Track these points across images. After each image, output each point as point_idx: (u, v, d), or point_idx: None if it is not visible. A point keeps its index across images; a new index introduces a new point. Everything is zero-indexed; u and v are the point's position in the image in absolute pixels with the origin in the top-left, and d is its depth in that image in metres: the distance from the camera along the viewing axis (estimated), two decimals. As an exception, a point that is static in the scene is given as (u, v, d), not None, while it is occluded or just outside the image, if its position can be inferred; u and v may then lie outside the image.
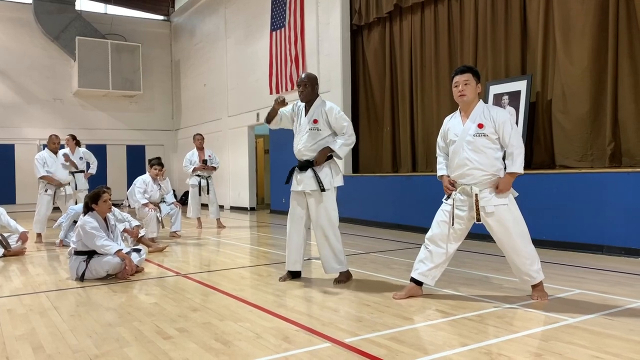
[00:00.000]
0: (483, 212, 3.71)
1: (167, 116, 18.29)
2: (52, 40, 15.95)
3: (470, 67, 3.90)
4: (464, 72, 3.82)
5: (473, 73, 3.82)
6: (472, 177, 3.75)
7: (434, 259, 3.88)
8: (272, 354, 2.82)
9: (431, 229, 3.94)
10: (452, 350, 2.80)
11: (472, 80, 3.79)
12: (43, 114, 15.99)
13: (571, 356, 2.67)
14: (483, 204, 3.70)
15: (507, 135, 3.70)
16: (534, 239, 3.88)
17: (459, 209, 3.81)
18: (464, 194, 3.80)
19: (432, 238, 3.91)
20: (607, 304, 3.69)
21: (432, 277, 3.92)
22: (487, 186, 3.74)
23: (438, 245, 3.88)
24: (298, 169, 4.66)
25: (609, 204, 5.77)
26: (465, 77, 3.80)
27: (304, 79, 4.63)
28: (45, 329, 3.41)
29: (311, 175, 4.55)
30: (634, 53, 6.21)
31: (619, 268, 5.02)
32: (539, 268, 3.79)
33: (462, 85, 3.79)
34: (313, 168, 4.54)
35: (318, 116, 4.57)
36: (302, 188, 4.60)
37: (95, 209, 5.09)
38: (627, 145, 6.29)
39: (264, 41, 12.92)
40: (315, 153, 4.55)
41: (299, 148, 4.64)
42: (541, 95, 7.26)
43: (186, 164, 9.82)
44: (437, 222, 3.93)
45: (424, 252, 3.96)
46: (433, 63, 8.95)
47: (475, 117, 3.77)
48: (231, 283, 4.78)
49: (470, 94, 3.79)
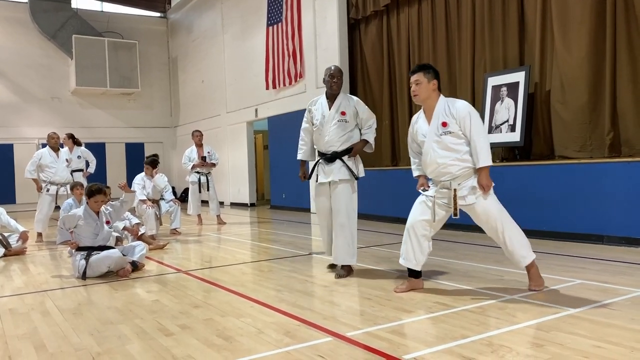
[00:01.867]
0: (463, 202, 3.73)
1: (165, 113, 18.27)
2: (49, 39, 15.91)
3: (421, 65, 3.93)
4: (414, 73, 3.88)
5: (424, 71, 3.84)
6: (450, 174, 3.77)
7: (414, 244, 3.88)
8: (274, 349, 2.82)
9: (412, 216, 3.93)
10: (453, 342, 2.80)
11: (422, 78, 3.81)
12: (41, 113, 15.97)
13: (572, 346, 2.67)
14: (461, 194, 3.73)
15: (467, 129, 3.72)
16: (533, 229, 3.89)
17: (439, 201, 3.83)
18: (444, 188, 3.84)
19: (413, 224, 3.89)
20: (608, 293, 3.69)
21: (416, 261, 3.91)
22: (466, 178, 3.75)
23: (419, 230, 3.86)
24: (325, 161, 4.72)
25: (609, 194, 5.76)
26: (415, 77, 3.85)
27: (335, 71, 4.74)
28: (47, 328, 3.41)
29: (340, 165, 4.66)
30: (632, 42, 6.19)
31: (619, 258, 5.02)
32: (529, 248, 3.80)
33: (414, 86, 3.85)
34: (341, 158, 4.65)
35: (345, 108, 4.68)
36: (333, 178, 4.66)
37: (87, 202, 5.24)
38: (626, 134, 6.28)
39: (262, 36, 12.89)
40: (344, 144, 4.66)
41: (326, 140, 4.70)
42: (540, 86, 7.24)
43: (185, 161, 9.80)
44: (416, 209, 3.92)
45: (406, 237, 3.94)
46: (431, 55, 8.93)
47: (439, 115, 3.79)
48: (232, 279, 4.78)
49: (422, 94, 3.84)
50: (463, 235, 6.26)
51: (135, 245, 5.45)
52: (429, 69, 3.88)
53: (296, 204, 11.89)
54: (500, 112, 7.40)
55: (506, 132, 7.25)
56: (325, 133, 4.70)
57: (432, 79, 3.84)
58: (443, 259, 5.22)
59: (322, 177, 4.76)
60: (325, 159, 4.73)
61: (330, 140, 4.68)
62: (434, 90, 3.86)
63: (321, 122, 4.74)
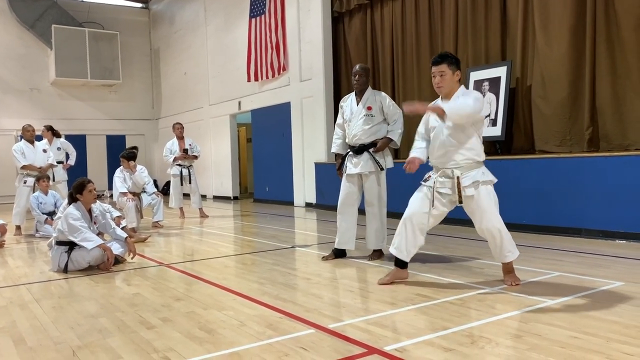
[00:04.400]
0: (463, 193, 3.74)
1: (147, 105, 18.06)
2: (28, 29, 15.58)
3: (445, 55, 3.83)
4: (438, 64, 3.78)
5: (449, 62, 3.76)
6: (454, 162, 3.78)
7: (409, 236, 3.88)
8: (256, 341, 2.83)
9: (410, 207, 3.92)
10: (434, 333, 2.83)
11: (447, 70, 3.75)
12: (20, 104, 15.67)
13: (550, 337, 2.72)
14: (463, 184, 3.73)
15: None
16: (514, 223, 3.94)
17: (440, 190, 3.82)
18: (444, 177, 3.83)
19: (410, 216, 3.89)
20: (585, 285, 3.76)
21: (407, 253, 3.93)
22: (468, 170, 3.77)
23: (416, 223, 3.87)
24: (354, 153, 5.00)
25: (587, 188, 5.86)
26: (440, 68, 3.77)
27: (358, 70, 5.02)
28: (26, 322, 3.37)
29: (368, 157, 4.93)
30: (611, 37, 6.28)
31: (596, 250, 5.11)
32: (514, 245, 3.84)
33: (438, 77, 3.79)
34: (369, 151, 4.92)
35: (372, 103, 4.97)
36: (361, 170, 4.94)
37: (80, 199, 5.05)
38: (605, 129, 6.38)
39: (244, 28, 12.79)
40: (370, 137, 4.94)
41: (354, 133, 4.99)
42: (521, 81, 7.32)
43: (166, 154, 9.70)
44: (415, 201, 3.92)
45: (401, 228, 3.93)
46: (414, 49, 8.96)
47: None
48: (215, 272, 4.77)
49: (446, 86, 3.79)
50: (445, 228, 6.32)
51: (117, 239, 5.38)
52: (453, 59, 3.79)
53: (279, 197, 11.88)
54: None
55: (488, 127, 7.32)
56: (353, 127, 5.00)
57: (456, 70, 3.78)
58: (425, 252, 5.26)
59: (350, 168, 5.03)
60: (353, 151, 5.02)
61: (358, 134, 4.97)
62: (457, 82, 3.82)
63: (349, 117, 5.05)
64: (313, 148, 10.85)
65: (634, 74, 6.10)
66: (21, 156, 7.90)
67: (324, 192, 10.31)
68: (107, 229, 5.29)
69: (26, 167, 7.93)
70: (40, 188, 7.69)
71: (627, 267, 4.36)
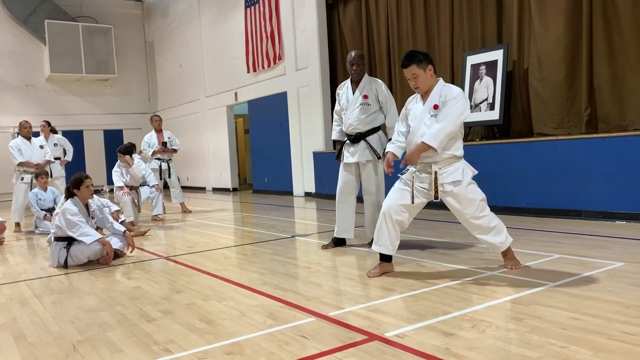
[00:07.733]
0: (442, 189, 3.70)
1: (143, 99, 17.99)
2: (21, 25, 15.48)
3: (411, 55, 3.71)
4: (407, 66, 3.70)
5: (417, 62, 3.67)
6: (431, 157, 3.68)
7: (390, 230, 3.83)
8: (257, 331, 2.82)
9: (388, 200, 3.86)
10: (435, 318, 2.83)
11: (417, 70, 3.68)
12: (15, 100, 15.60)
13: (551, 319, 2.72)
14: (442, 180, 3.68)
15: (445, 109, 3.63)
16: (513, 206, 3.91)
17: (419, 185, 3.76)
18: (424, 172, 3.77)
19: (389, 209, 3.82)
20: (585, 267, 3.75)
21: (392, 247, 3.87)
22: (447, 164, 3.70)
23: (396, 216, 3.81)
24: (350, 142, 4.93)
25: (586, 169, 5.84)
26: (411, 70, 3.69)
27: (355, 58, 4.95)
28: (26, 318, 3.37)
29: (365, 146, 4.88)
30: (607, 16, 6.23)
31: (596, 232, 5.11)
32: (505, 235, 3.79)
33: (412, 81, 3.73)
34: (365, 139, 4.86)
35: (368, 92, 4.89)
36: (358, 159, 4.90)
37: (77, 194, 5.03)
38: (603, 110, 6.35)
39: (239, 19, 12.71)
40: (366, 126, 4.86)
41: (350, 122, 4.92)
42: (518, 64, 7.28)
43: (145, 147, 9.26)
44: (395, 193, 3.85)
45: (382, 223, 3.87)
46: (410, 34, 8.90)
47: (434, 98, 3.70)
48: (215, 263, 4.76)
49: (422, 85, 3.73)
50: (443, 214, 6.31)
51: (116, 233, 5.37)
52: (420, 56, 3.70)
53: (279, 188, 11.87)
54: (480, 91, 7.42)
55: (485, 111, 7.29)
56: (349, 116, 4.94)
57: (427, 66, 3.71)
58: (424, 237, 5.26)
59: (347, 157, 4.99)
60: (350, 140, 4.96)
61: (354, 123, 4.90)
62: (432, 76, 3.75)
63: (346, 105, 4.99)
64: (311, 137, 10.81)
65: (632, 53, 6.06)
66: (18, 153, 7.87)
67: (323, 181, 10.29)
68: (104, 224, 5.28)
69: (23, 164, 7.90)
70: (39, 184, 7.68)
71: (627, 248, 4.35)
